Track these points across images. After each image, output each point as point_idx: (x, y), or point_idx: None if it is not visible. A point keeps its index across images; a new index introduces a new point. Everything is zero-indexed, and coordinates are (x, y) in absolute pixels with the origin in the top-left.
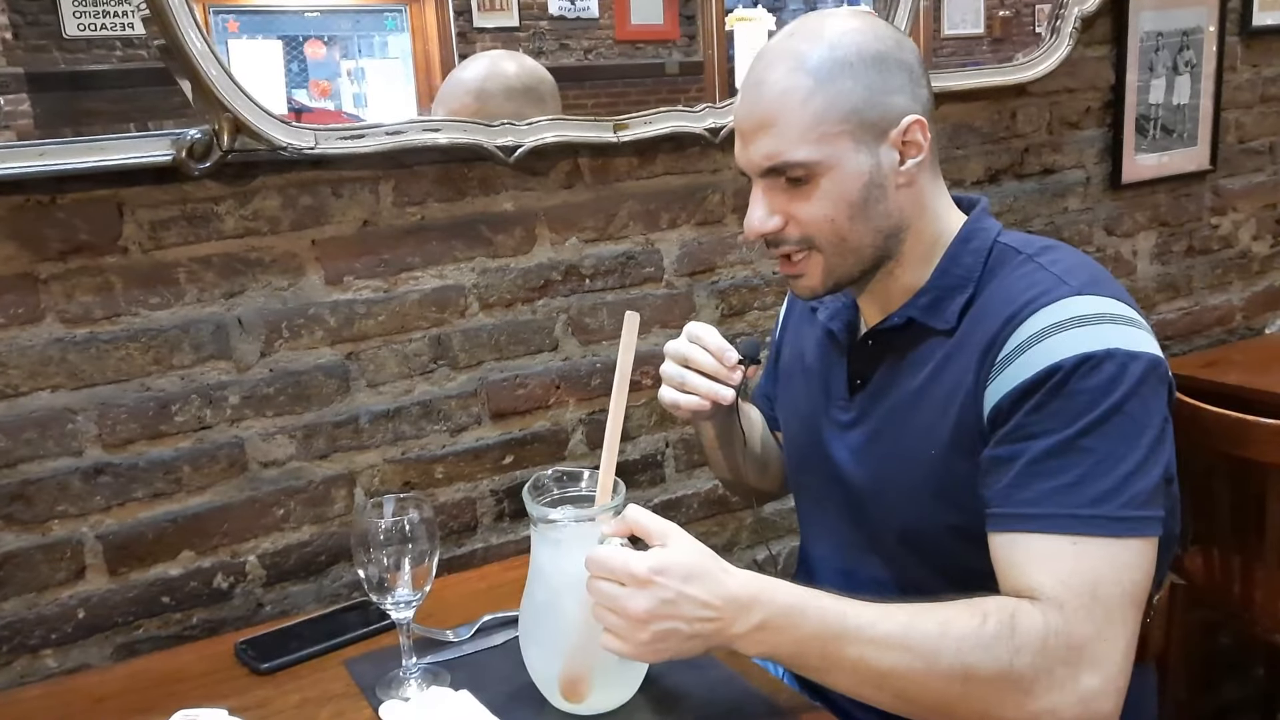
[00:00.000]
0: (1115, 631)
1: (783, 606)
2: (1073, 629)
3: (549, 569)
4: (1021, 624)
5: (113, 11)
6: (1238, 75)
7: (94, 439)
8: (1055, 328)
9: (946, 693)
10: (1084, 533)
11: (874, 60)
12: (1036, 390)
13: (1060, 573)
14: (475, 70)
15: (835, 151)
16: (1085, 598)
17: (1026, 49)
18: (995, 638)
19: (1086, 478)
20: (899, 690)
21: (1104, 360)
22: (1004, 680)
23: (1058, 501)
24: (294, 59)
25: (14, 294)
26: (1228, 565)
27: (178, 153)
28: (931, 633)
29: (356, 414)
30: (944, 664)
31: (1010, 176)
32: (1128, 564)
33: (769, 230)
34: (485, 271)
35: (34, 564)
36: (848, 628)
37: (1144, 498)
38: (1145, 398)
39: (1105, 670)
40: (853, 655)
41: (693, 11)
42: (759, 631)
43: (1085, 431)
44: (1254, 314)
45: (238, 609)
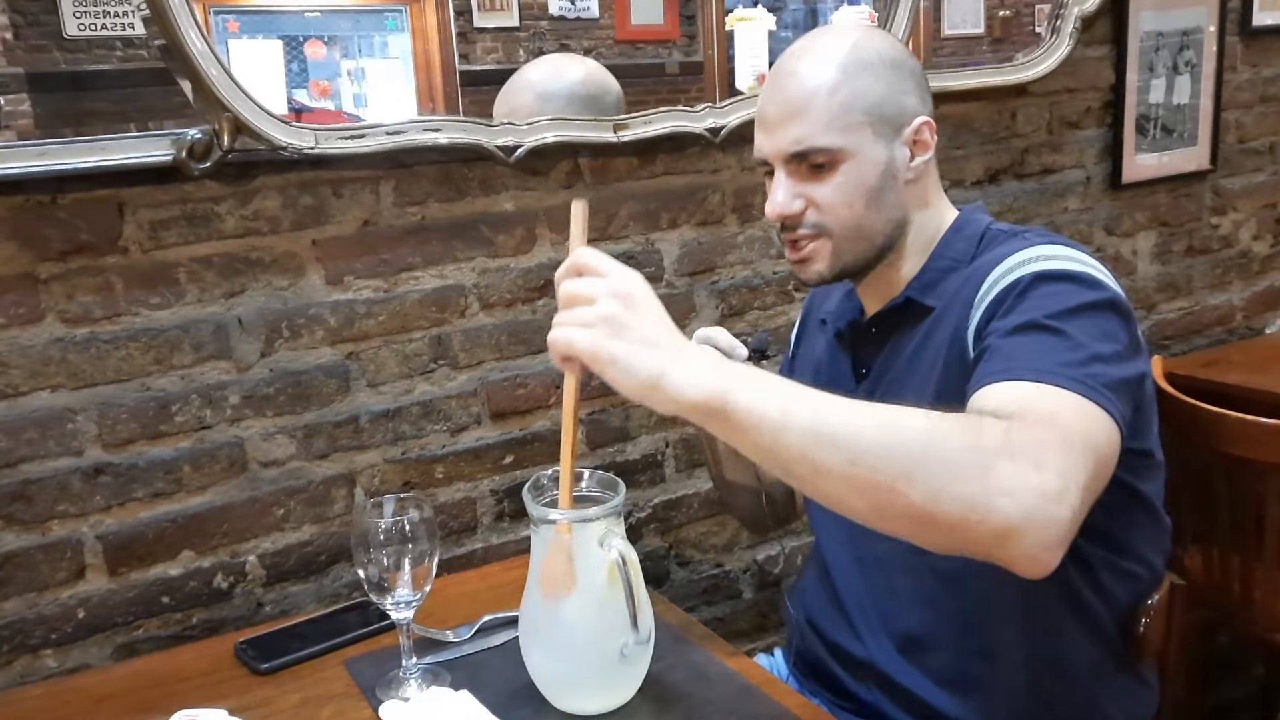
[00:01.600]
0: (1075, 457)
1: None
2: (1034, 432)
3: None
4: (987, 420)
5: (113, 12)
6: (1238, 75)
7: (94, 439)
8: (1025, 263)
9: (906, 456)
10: (1048, 381)
11: (891, 63)
12: (1005, 300)
13: (1021, 399)
14: (541, 71)
15: (857, 140)
16: (1044, 416)
17: (1026, 49)
18: (962, 418)
19: (1052, 349)
20: (856, 451)
21: (1070, 278)
22: (966, 451)
23: (1023, 360)
24: (294, 59)
25: (14, 294)
26: (1227, 565)
27: (178, 153)
28: (899, 407)
29: (357, 414)
30: (908, 426)
31: (1010, 176)
32: (1091, 419)
33: (792, 212)
34: (485, 271)
35: (34, 564)
36: (809, 388)
37: (1108, 381)
38: (1111, 319)
39: (1064, 481)
40: (814, 404)
41: (693, 11)
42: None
43: (1053, 316)
44: (1254, 314)
45: (238, 609)
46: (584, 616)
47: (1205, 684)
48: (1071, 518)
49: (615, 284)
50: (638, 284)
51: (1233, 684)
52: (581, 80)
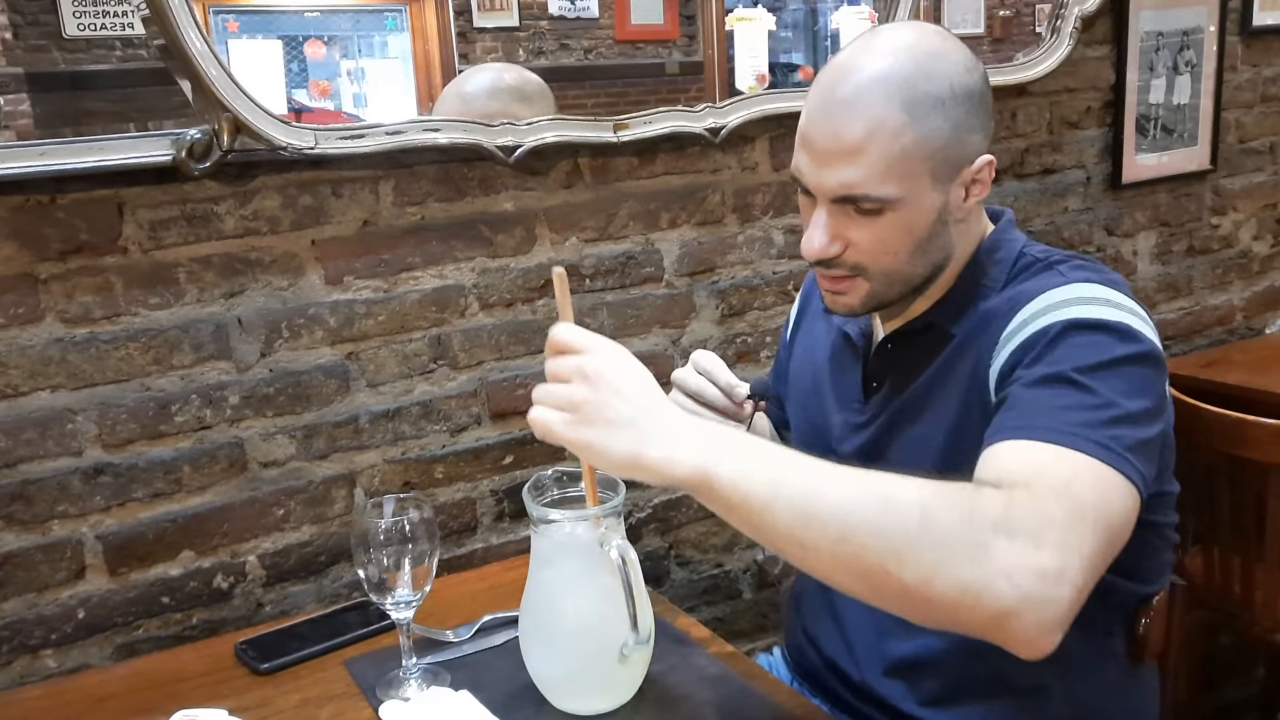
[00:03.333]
0: (1084, 530)
1: (730, 428)
2: (1039, 505)
3: (549, 569)
4: (987, 490)
5: (112, 11)
6: (1238, 75)
7: (94, 439)
8: (1059, 305)
9: (899, 536)
10: (1067, 445)
11: (964, 97)
12: (1034, 346)
13: (1035, 464)
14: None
15: (914, 189)
16: (1057, 486)
17: (1027, 49)
18: (958, 491)
19: (1076, 407)
20: (846, 529)
21: (1103, 328)
22: (961, 528)
23: (1044, 417)
24: (294, 59)
25: (14, 294)
26: (1228, 565)
27: (178, 153)
28: (893, 479)
29: (356, 414)
30: (902, 503)
31: (1010, 176)
32: (1108, 486)
33: (829, 256)
34: (485, 271)
35: (34, 564)
36: (802, 457)
37: (1131, 443)
38: (1145, 372)
39: (1066, 557)
40: (804, 482)
41: (693, 11)
42: (703, 441)
43: (1081, 370)
44: (1254, 314)
45: (238, 609)
46: (584, 617)
47: (1206, 685)
48: (1073, 596)
49: (587, 364)
50: (610, 360)
51: (1234, 685)
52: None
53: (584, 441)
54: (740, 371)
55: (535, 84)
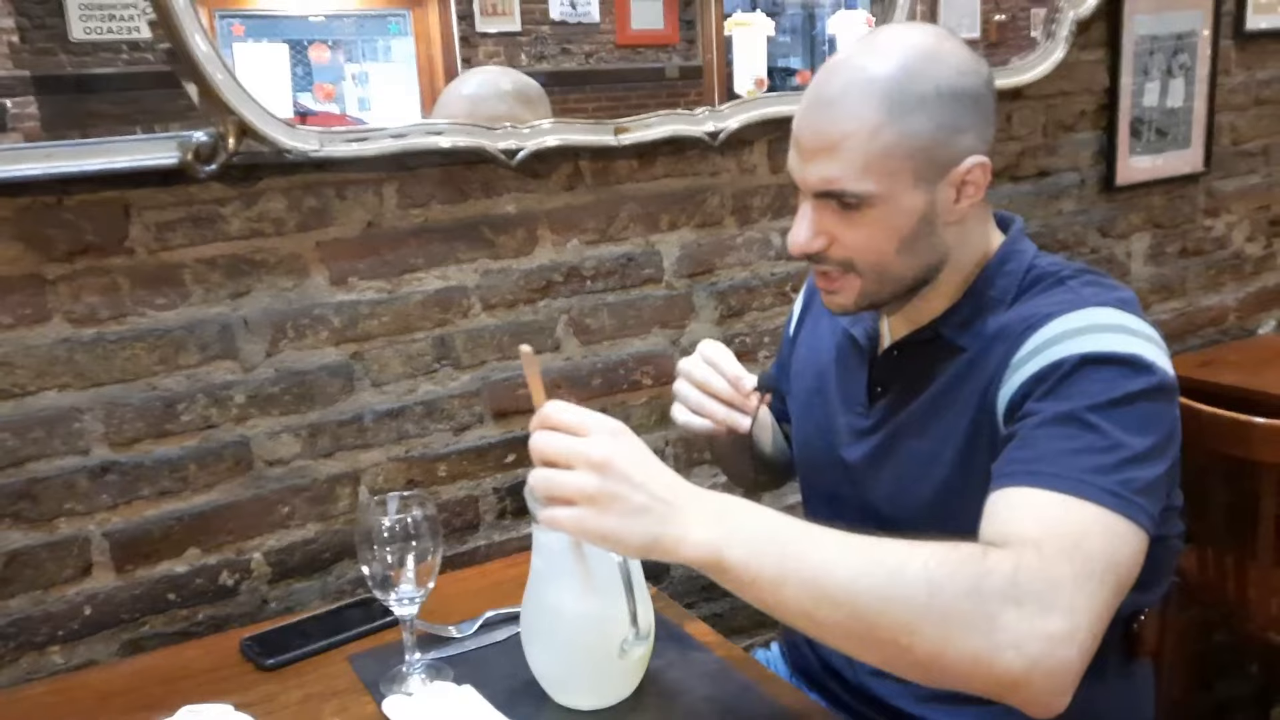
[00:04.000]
0: (1093, 587)
1: (742, 503)
2: (1048, 568)
3: (550, 566)
4: (994, 554)
5: (119, 15)
6: (1231, 78)
7: (100, 438)
8: (1073, 333)
9: (907, 610)
10: (1075, 494)
11: (950, 97)
12: (1046, 379)
13: (1044, 520)
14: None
15: (894, 186)
16: (1066, 543)
17: (1022, 53)
18: (966, 559)
19: (1089, 449)
20: (855, 606)
21: (1119, 361)
22: (969, 600)
23: (1054, 462)
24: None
25: (21, 294)
26: (1222, 564)
27: (183, 155)
28: (901, 548)
29: (361, 413)
30: (910, 577)
31: (1005, 179)
32: (1117, 536)
33: (813, 250)
34: (487, 273)
35: (41, 561)
36: (811, 534)
37: (1142, 486)
38: (1156, 404)
39: (1074, 619)
40: (813, 562)
41: (692, 16)
42: (713, 524)
43: (1093, 409)
44: (1247, 315)
45: (243, 605)
46: (584, 613)
47: (1201, 683)
48: (1082, 655)
49: (593, 451)
50: (617, 445)
51: (1229, 683)
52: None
53: (601, 534)
54: None
55: (535, 88)
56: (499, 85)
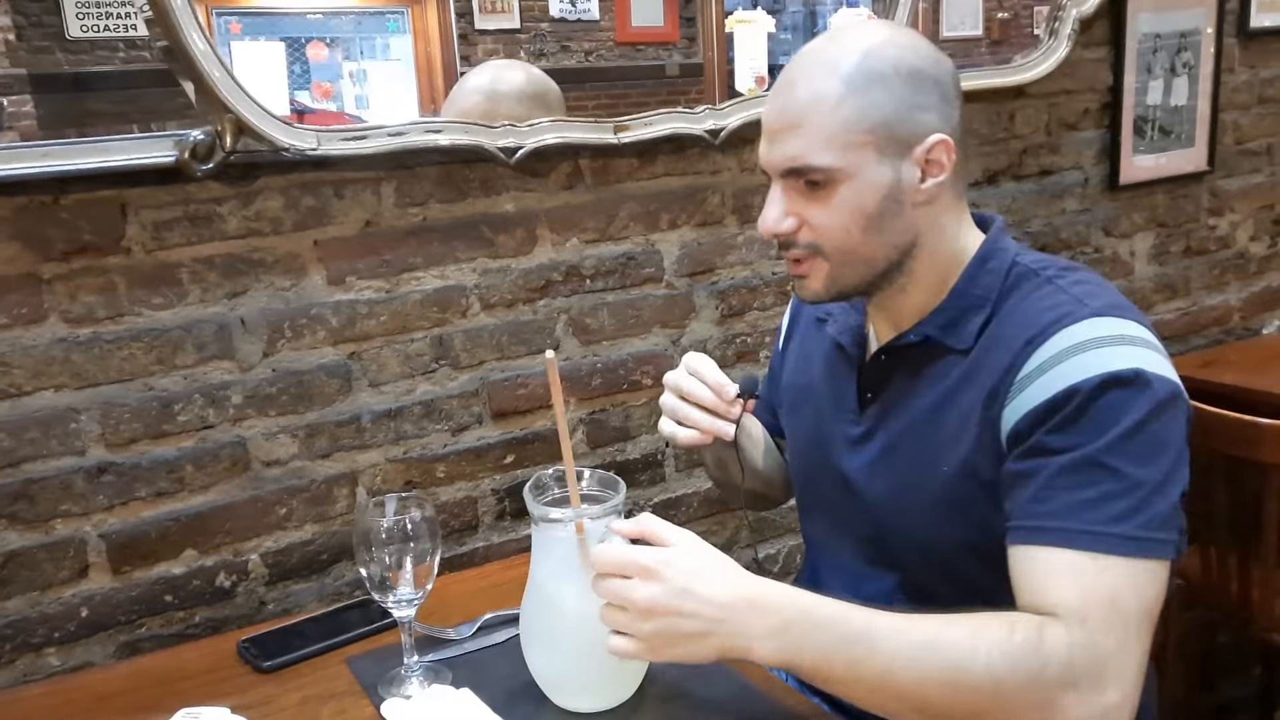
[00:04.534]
0: (1133, 646)
1: (804, 610)
2: (1096, 642)
3: (550, 567)
4: (1049, 636)
5: (116, 13)
6: (1235, 77)
7: (97, 438)
8: (1077, 348)
9: (974, 705)
10: (1104, 550)
11: (909, 75)
12: (1059, 409)
13: (1082, 587)
14: (483, 77)
15: (858, 160)
16: (1106, 611)
17: (1025, 51)
18: (1024, 648)
19: (1108, 495)
20: (924, 701)
21: (1126, 381)
22: (1031, 691)
23: (1079, 516)
24: (296, 61)
25: (18, 294)
26: (1225, 565)
27: (181, 154)
28: (962, 640)
29: (359, 413)
30: (974, 674)
31: (1008, 178)
32: (1145, 582)
33: (782, 231)
34: (486, 272)
35: (37, 563)
36: (875, 636)
37: (1161, 519)
38: (1166, 421)
39: (1123, 685)
40: (880, 665)
41: (693, 14)
42: (779, 636)
43: (1108, 449)
44: (1251, 314)
45: (240, 607)
46: (584, 614)
47: (1204, 684)
48: (1132, 710)
49: (638, 599)
50: (660, 584)
51: (1231, 684)
52: (526, 81)
53: (673, 658)
54: (740, 371)
55: (555, 93)
56: (514, 83)
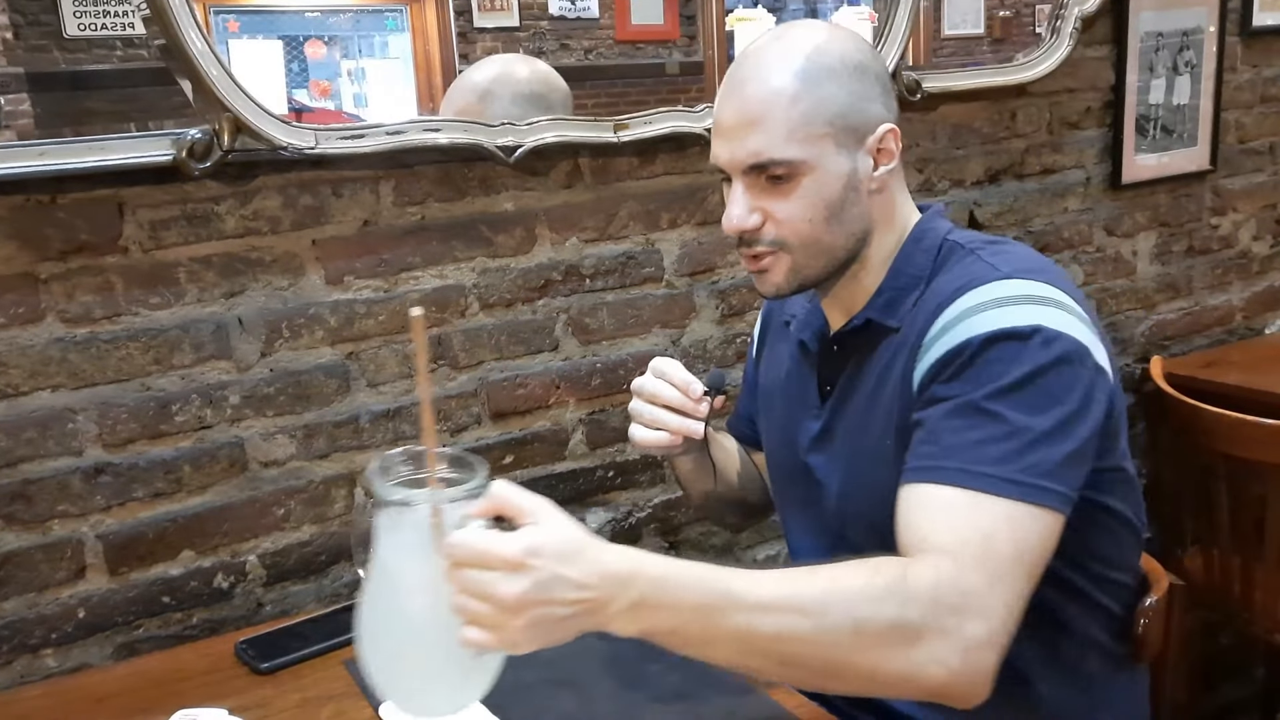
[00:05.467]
0: (1004, 587)
1: (658, 579)
2: (963, 576)
3: (400, 558)
4: (913, 574)
5: (113, 11)
6: (1238, 75)
7: (94, 439)
8: (977, 308)
9: (834, 650)
10: (980, 489)
11: (855, 69)
12: (951, 362)
13: (954, 523)
14: (485, 72)
15: (818, 152)
16: (976, 548)
17: (1026, 49)
18: (886, 589)
19: (991, 438)
20: (786, 654)
21: (1020, 336)
22: (894, 631)
23: (958, 455)
24: (294, 59)
25: (14, 294)
26: (1227, 565)
27: (178, 152)
28: (820, 589)
29: (357, 414)
30: (832, 619)
31: (1010, 177)
32: (1023, 527)
33: (749, 227)
34: (485, 271)
35: (34, 564)
36: (732, 594)
37: (1046, 468)
38: (1062, 375)
39: (990, 622)
40: (737, 623)
41: (693, 12)
42: (637, 609)
43: (992, 396)
44: (1254, 314)
45: (238, 609)
46: (434, 609)
47: (1206, 685)
48: (999, 651)
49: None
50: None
51: (1233, 685)
52: (526, 79)
53: (533, 648)
54: (740, 371)
55: (560, 92)
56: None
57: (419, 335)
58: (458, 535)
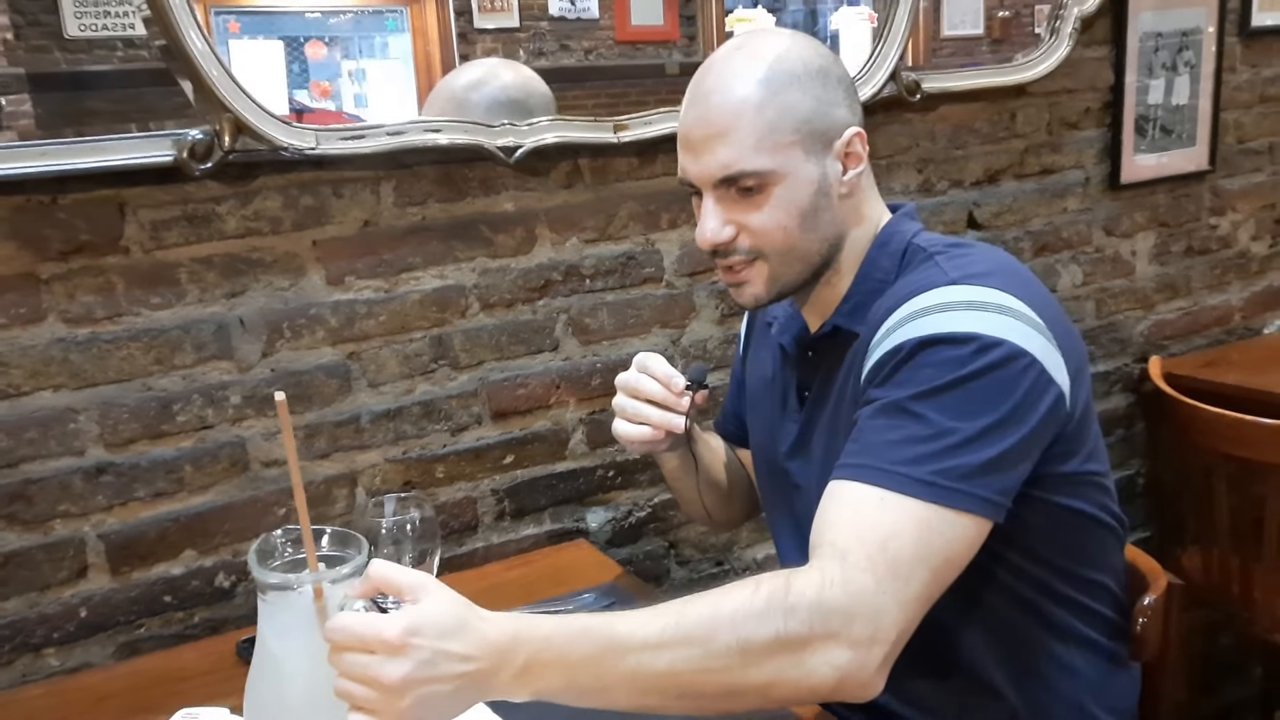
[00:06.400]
0: (897, 587)
1: (543, 639)
2: (851, 579)
3: (283, 642)
4: (796, 585)
5: (114, 12)
6: (1237, 76)
7: (96, 438)
8: (920, 313)
9: (727, 674)
10: (892, 488)
11: (818, 73)
12: (886, 364)
13: (857, 523)
14: (462, 79)
15: (788, 161)
16: (872, 549)
17: (1026, 49)
18: (768, 603)
19: (910, 439)
20: (681, 687)
21: (953, 341)
22: (779, 645)
23: (875, 454)
24: (295, 59)
25: (16, 294)
26: (1226, 565)
27: (179, 153)
28: (704, 617)
29: (358, 413)
30: (719, 644)
31: (1009, 177)
32: (933, 530)
33: (723, 240)
34: (486, 272)
35: (36, 563)
36: (617, 639)
37: (964, 472)
38: (999, 381)
39: (877, 621)
40: (628, 666)
41: (693, 12)
42: (525, 673)
43: (918, 397)
44: (1252, 314)
45: (239, 608)
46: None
47: (1205, 685)
48: (890, 645)
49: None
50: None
51: (1233, 685)
52: (502, 86)
53: None
54: None
55: (539, 96)
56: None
57: (284, 419)
58: (337, 619)
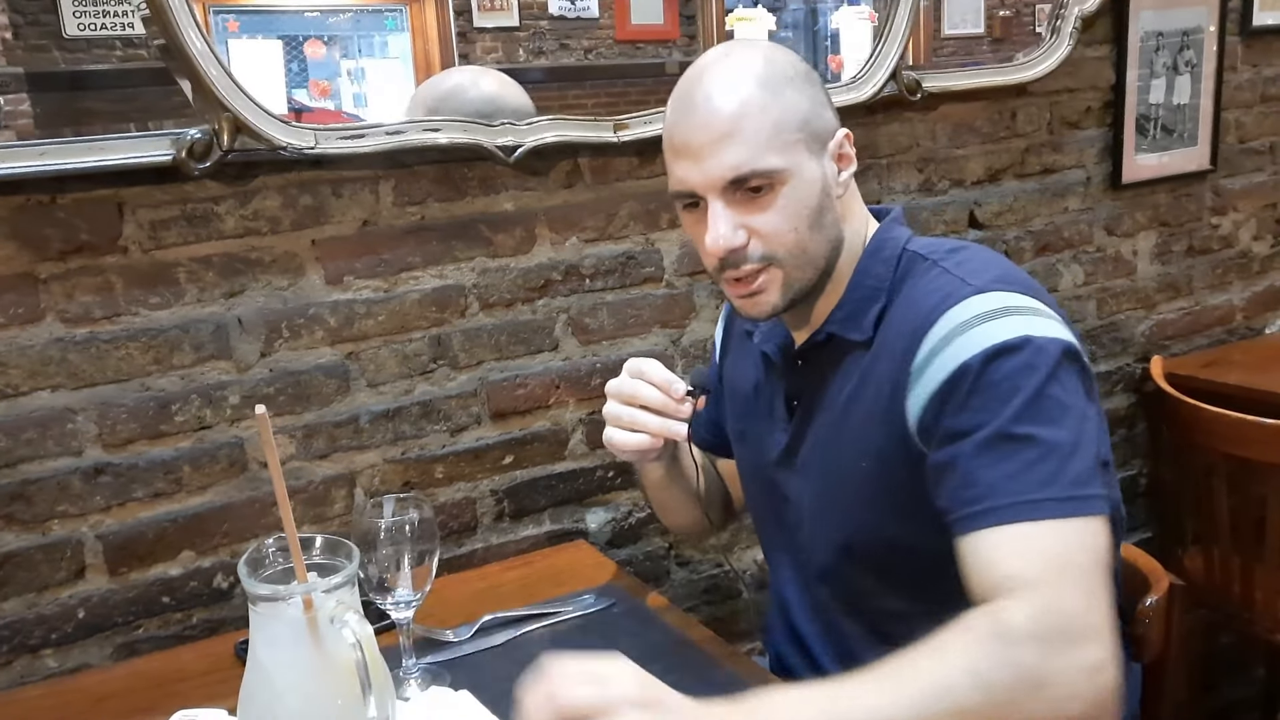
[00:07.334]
0: (1098, 600)
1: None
2: (1060, 603)
3: (274, 653)
4: (1005, 617)
5: (113, 11)
6: (1238, 75)
7: (94, 439)
8: (962, 327)
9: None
10: (1041, 516)
11: (805, 76)
12: (955, 390)
13: (1027, 556)
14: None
15: (795, 159)
16: (1058, 572)
17: (1027, 49)
18: (989, 640)
19: (1029, 464)
20: None
21: (1014, 349)
22: (1018, 678)
23: (1006, 491)
24: (294, 59)
25: (14, 294)
26: (1228, 565)
27: (178, 152)
28: (931, 663)
29: (356, 414)
30: (961, 691)
31: (1010, 176)
32: (1088, 539)
33: (736, 245)
34: (485, 271)
35: (34, 564)
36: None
37: (1084, 477)
38: (1063, 380)
39: (1101, 639)
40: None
41: (693, 11)
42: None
43: (1014, 419)
44: (1254, 314)
45: (238, 608)
46: (317, 705)
47: (1206, 685)
48: (1118, 665)
49: None
50: None
51: (1234, 685)
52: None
53: None
54: None
55: (514, 106)
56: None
57: (265, 431)
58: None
